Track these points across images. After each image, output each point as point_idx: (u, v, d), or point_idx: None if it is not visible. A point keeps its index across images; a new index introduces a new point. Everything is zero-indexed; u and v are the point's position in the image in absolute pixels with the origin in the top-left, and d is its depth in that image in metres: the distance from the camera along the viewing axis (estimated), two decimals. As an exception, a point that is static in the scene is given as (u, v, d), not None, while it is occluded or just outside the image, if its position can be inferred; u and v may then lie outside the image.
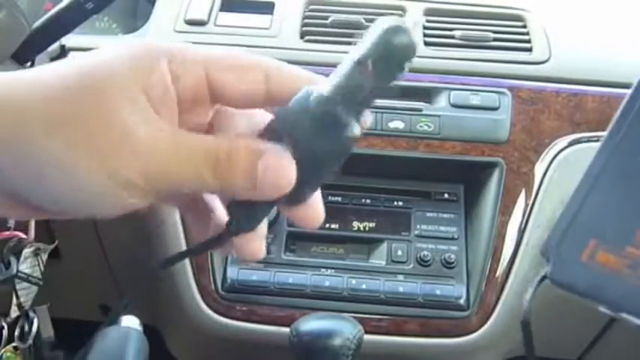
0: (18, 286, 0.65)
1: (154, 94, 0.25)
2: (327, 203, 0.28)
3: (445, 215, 0.67)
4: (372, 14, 0.74)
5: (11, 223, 0.63)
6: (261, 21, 0.74)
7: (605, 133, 0.29)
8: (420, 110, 0.67)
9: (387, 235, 0.66)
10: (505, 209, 0.64)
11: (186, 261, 0.64)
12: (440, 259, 0.64)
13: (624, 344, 0.79)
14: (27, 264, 0.65)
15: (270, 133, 0.26)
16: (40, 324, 0.69)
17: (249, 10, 0.75)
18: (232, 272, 0.63)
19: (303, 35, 0.72)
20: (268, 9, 0.75)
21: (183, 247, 0.63)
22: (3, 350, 0.68)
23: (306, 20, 0.74)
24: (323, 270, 0.64)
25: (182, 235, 0.64)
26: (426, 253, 0.64)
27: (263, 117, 0.28)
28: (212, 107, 0.28)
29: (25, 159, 0.24)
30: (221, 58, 0.27)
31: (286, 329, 0.57)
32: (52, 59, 0.68)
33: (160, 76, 0.25)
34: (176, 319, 0.68)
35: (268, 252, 0.63)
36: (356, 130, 0.26)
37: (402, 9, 0.76)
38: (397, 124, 0.66)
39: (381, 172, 0.68)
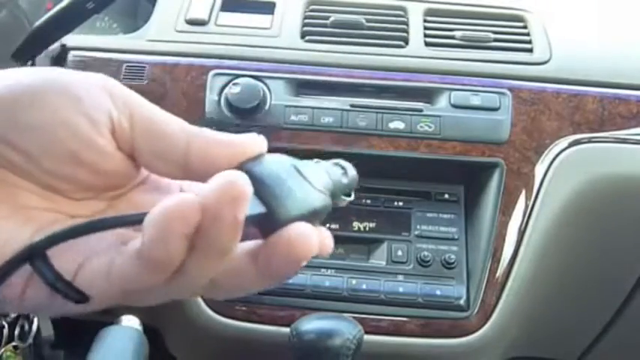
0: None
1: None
2: (327, 203, 0.28)
3: (445, 216, 0.67)
4: (373, 14, 0.74)
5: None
6: (261, 21, 0.74)
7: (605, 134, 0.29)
8: (421, 110, 0.67)
9: (387, 236, 0.66)
10: (505, 210, 0.64)
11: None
12: (440, 260, 0.64)
13: (624, 344, 0.79)
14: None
15: None
16: (40, 323, 0.69)
17: (249, 9, 0.75)
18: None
19: (303, 35, 0.72)
20: (269, 9, 0.75)
21: None
22: (3, 349, 0.68)
23: (306, 20, 0.74)
24: (323, 270, 0.64)
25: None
26: (426, 253, 0.64)
27: None
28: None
29: None
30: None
31: (286, 329, 0.57)
32: (53, 58, 0.69)
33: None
34: (176, 319, 0.68)
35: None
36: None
37: (403, 9, 0.76)
38: (397, 125, 0.66)
39: (382, 172, 0.68)
